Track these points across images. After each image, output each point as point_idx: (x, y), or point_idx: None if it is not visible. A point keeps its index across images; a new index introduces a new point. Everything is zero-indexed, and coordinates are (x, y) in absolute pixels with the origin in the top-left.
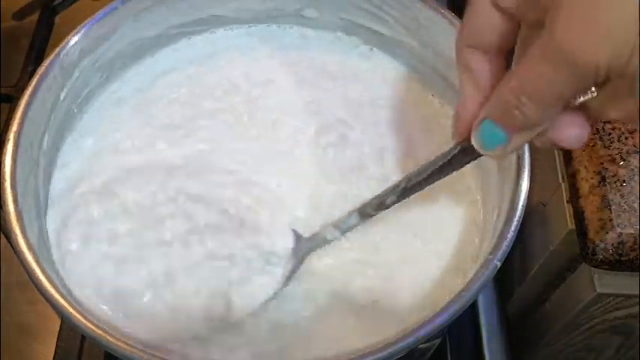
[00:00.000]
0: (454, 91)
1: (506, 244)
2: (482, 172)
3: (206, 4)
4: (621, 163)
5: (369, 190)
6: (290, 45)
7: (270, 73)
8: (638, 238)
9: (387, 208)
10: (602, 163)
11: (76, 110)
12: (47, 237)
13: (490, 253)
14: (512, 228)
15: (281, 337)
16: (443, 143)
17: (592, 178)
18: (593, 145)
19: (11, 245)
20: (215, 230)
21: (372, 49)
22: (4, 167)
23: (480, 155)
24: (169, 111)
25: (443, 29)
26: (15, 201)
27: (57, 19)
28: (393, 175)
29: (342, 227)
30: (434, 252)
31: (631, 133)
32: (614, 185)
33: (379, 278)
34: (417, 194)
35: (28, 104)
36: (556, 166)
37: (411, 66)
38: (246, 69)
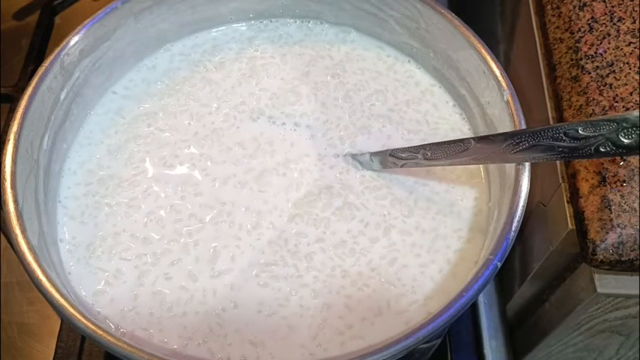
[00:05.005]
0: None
1: (506, 244)
2: (482, 173)
3: (206, 4)
4: (621, 163)
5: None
6: (291, 40)
7: (272, 67)
8: (638, 238)
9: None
10: (602, 163)
11: (76, 110)
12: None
13: (490, 253)
14: (513, 228)
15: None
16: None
17: (592, 178)
18: None
19: (11, 245)
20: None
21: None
22: (4, 167)
23: None
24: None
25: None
26: (15, 201)
27: (57, 19)
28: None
29: (359, 158)
30: (436, 254)
31: None
32: (614, 185)
33: (383, 279)
34: (417, 194)
35: (28, 104)
36: (556, 166)
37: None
38: (249, 66)
